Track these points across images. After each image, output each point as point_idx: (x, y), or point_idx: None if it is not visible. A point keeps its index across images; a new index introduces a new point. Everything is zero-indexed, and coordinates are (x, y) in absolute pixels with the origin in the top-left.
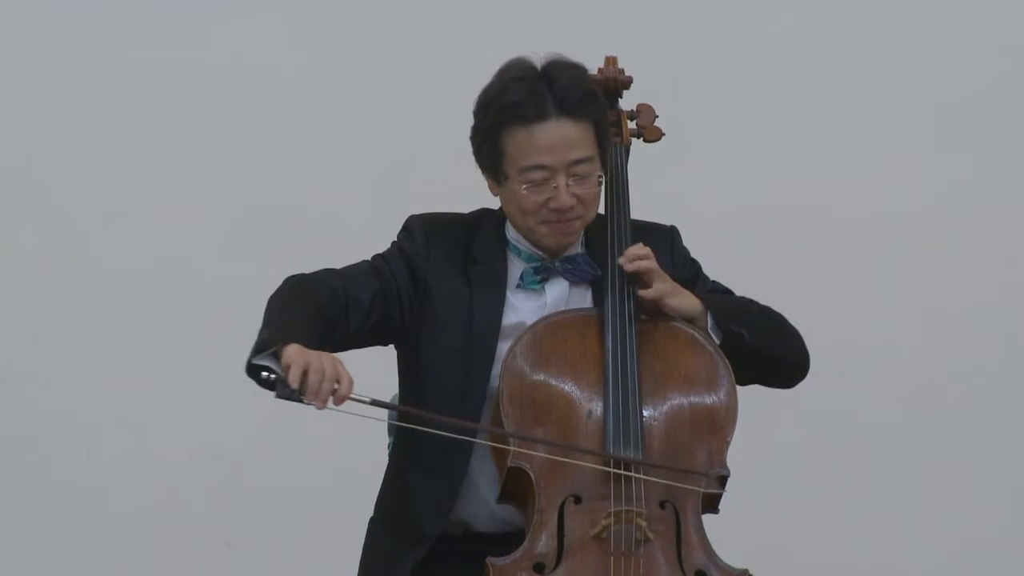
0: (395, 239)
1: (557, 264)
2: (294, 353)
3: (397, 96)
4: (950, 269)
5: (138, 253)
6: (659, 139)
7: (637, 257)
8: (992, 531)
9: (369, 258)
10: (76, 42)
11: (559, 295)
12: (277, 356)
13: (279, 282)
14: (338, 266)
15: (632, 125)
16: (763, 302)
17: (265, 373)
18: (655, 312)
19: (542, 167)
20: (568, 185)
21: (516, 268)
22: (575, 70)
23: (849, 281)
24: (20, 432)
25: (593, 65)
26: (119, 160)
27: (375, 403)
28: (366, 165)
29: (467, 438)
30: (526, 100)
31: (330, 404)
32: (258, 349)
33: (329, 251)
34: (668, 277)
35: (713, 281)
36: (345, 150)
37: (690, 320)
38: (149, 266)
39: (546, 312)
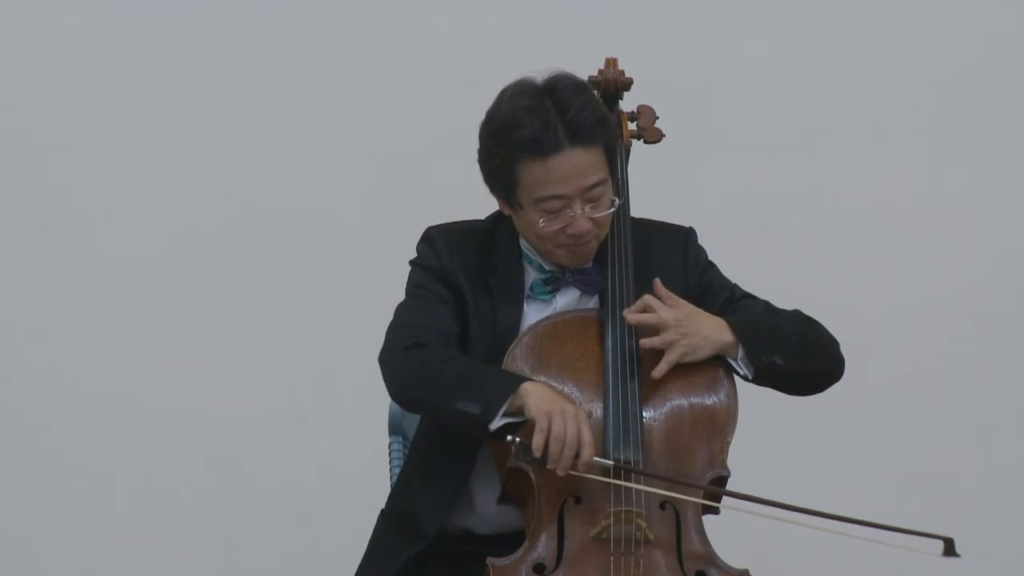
0: (416, 256)
1: (568, 275)
2: (539, 409)
3: (398, 95)
4: (953, 265)
5: (138, 253)
6: (660, 140)
7: (640, 311)
8: (994, 533)
9: (406, 297)
10: (77, 42)
11: (568, 303)
12: (518, 406)
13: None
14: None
15: (632, 126)
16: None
17: (510, 437)
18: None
19: (559, 197)
20: (584, 211)
21: (530, 278)
22: (583, 94)
23: (849, 284)
24: (20, 432)
25: (594, 66)
26: (119, 160)
27: (616, 466)
28: (368, 166)
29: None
30: (539, 136)
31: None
32: (492, 410)
33: (331, 252)
34: (682, 306)
35: (733, 284)
36: (347, 151)
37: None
38: (150, 267)
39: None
